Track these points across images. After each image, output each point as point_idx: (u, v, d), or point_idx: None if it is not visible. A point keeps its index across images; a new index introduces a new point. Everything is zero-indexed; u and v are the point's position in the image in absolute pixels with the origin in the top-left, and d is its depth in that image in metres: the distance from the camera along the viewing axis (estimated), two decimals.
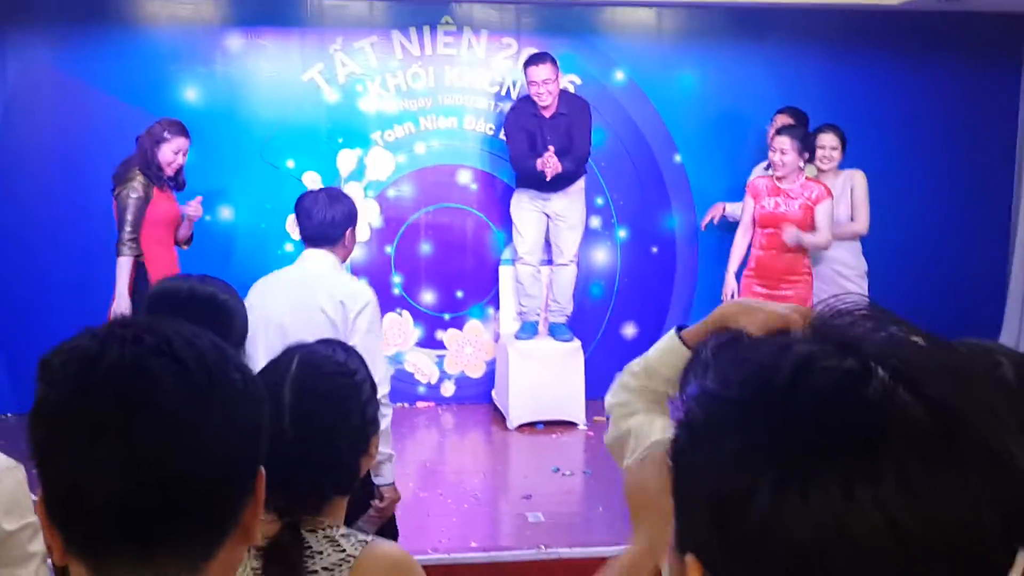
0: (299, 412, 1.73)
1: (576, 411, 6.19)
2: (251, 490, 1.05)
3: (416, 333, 6.71)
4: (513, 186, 6.42)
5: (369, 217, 6.53)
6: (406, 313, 6.66)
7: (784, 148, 5.56)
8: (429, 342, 6.74)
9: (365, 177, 6.55)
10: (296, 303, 3.45)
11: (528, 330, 6.36)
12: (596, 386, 5.99)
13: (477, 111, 6.62)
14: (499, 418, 6.39)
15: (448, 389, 6.73)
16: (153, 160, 5.28)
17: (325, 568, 1.66)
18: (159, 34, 6.41)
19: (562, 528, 4.78)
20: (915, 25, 6.62)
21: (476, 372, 6.82)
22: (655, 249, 6.88)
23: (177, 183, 5.48)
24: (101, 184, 6.30)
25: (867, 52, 6.70)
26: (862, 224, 5.93)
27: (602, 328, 6.86)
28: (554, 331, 6.42)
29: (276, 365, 1.81)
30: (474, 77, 6.58)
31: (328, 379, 1.83)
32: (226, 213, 6.47)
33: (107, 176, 6.29)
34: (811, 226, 5.59)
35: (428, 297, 6.69)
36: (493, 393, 6.64)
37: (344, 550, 1.68)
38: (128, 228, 5.15)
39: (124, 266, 5.13)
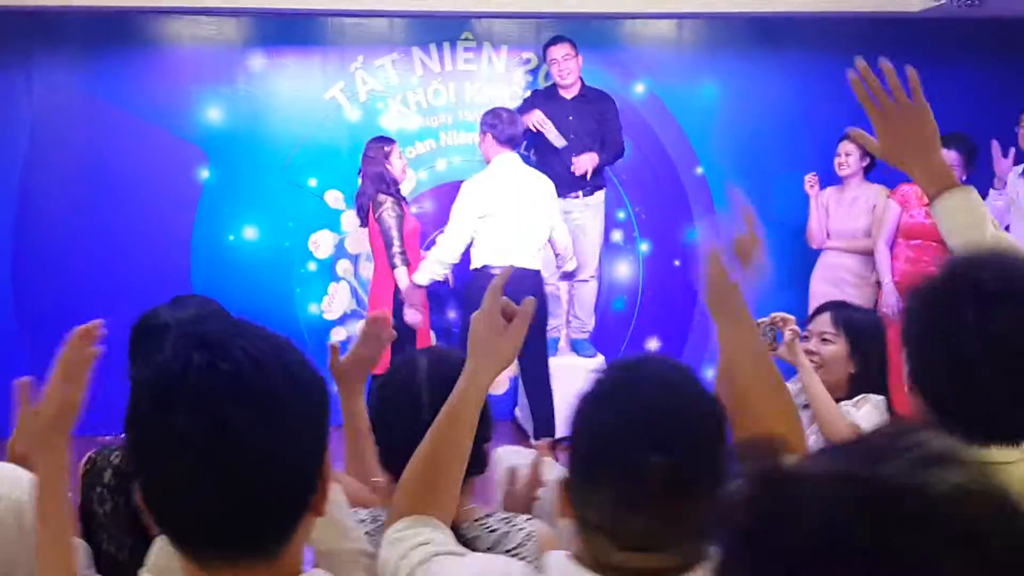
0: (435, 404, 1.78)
1: None
2: (319, 476, 1.17)
3: None
4: None
5: None
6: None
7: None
8: None
9: None
10: (528, 190, 5.53)
11: (549, 346, 6.33)
12: None
13: None
14: (522, 435, 6.37)
15: None
16: (390, 176, 5.66)
17: (518, 545, 1.90)
18: (182, 55, 6.47)
19: None
20: (937, 32, 6.58)
21: (499, 388, 6.80)
22: (678, 262, 6.85)
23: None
24: (125, 202, 6.38)
25: (889, 60, 6.64)
26: (875, 242, 5.88)
27: (625, 342, 6.84)
28: (577, 347, 6.40)
29: (411, 364, 1.99)
30: (495, 92, 6.58)
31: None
32: (249, 232, 6.50)
33: (132, 195, 6.37)
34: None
35: (451, 314, 6.69)
36: (516, 410, 6.62)
37: (524, 529, 1.93)
38: (396, 243, 5.55)
39: (402, 276, 5.54)
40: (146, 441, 1.12)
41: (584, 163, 5.95)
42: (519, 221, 5.48)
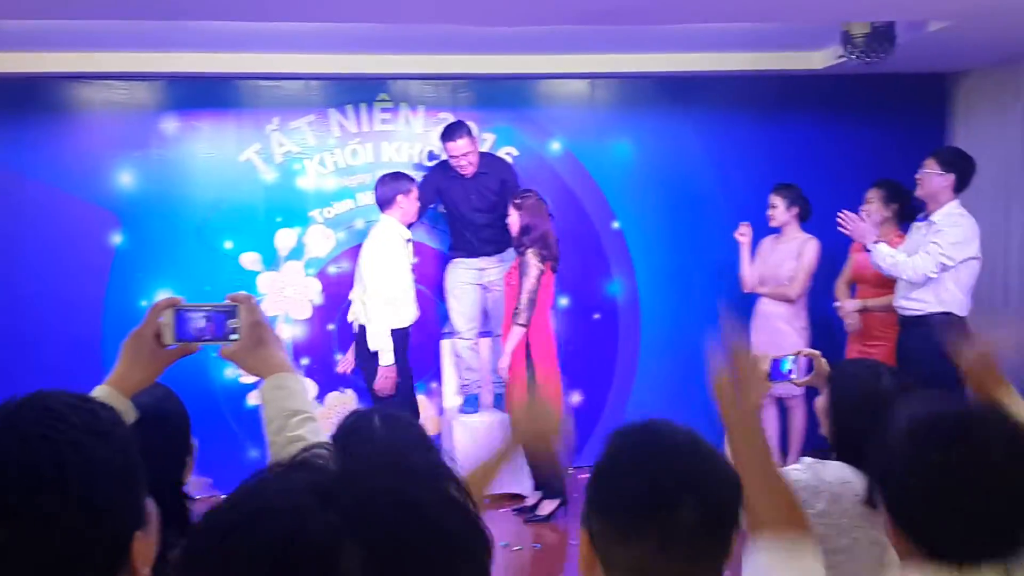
0: None
1: (523, 483, 6.03)
2: (141, 526, 1.23)
3: None
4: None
5: (310, 295, 6.49)
6: (350, 391, 6.58)
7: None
8: None
9: (305, 255, 6.52)
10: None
11: (471, 403, 6.32)
12: None
13: None
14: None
15: None
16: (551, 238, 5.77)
17: None
18: (93, 120, 6.37)
19: None
20: (840, 88, 6.80)
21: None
22: (597, 316, 6.91)
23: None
24: (35, 270, 6.22)
25: (795, 115, 6.87)
26: (795, 290, 6.07)
27: None
28: (499, 403, 6.39)
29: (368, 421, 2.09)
30: (412, 151, 6.62)
31: None
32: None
33: (41, 262, 6.22)
34: (881, 280, 5.62)
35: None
36: None
37: None
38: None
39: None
40: None
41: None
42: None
